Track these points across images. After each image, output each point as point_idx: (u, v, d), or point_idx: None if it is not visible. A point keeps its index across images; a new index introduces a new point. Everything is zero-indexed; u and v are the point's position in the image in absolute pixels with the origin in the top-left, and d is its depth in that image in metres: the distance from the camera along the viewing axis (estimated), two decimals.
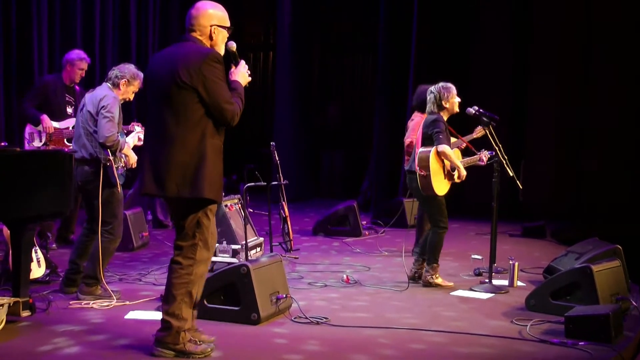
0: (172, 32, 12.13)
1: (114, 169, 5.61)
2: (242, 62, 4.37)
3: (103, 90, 5.69)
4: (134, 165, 5.89)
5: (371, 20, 13.39)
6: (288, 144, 12.91)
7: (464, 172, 6.50)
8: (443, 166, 6.47)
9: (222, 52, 4.31)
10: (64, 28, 10.02)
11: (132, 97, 5.89)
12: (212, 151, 4.19)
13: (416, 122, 7.73)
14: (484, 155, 6.68)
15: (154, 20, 11.87)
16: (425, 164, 6.37)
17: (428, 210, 6.74)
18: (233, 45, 4.37)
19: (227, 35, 4.33)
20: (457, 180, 6.60)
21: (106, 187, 5.57)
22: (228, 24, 4.32)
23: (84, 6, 10.35)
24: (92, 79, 9.50)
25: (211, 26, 4.24)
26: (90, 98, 5.69)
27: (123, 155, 5.78)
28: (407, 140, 7.70)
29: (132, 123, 6.78)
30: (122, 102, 5.82)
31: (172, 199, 4.32)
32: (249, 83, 4.38)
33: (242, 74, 4.34)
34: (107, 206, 5.59)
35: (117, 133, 5.56)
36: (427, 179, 6.37)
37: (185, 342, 4.27)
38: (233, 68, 4.37)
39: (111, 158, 5.58)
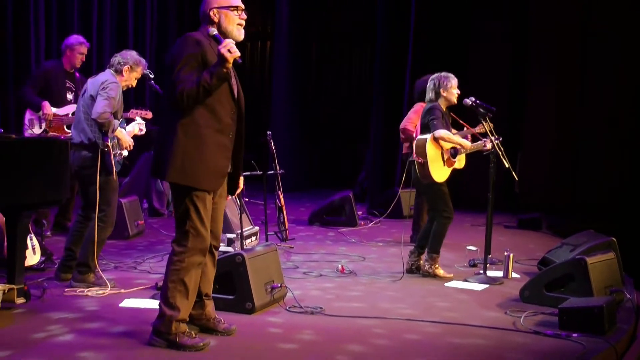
0: (170, 19, 12.11)
1: (112, 155, 5.60)
2: (225, 42, 4.07)
3: (105, 76, 5.70)
4: (129, 148, 5.88)
5: (370, 11, 13.36)
6: (285, 133, 12.90)
7: (468, 144, 6.48)
8: (442, 153, 6.46)
9: (234, 35, 4.23)
10: (60, 16, 9.99)
11: (134, 83, 5.88)
12: (186, 134, 4.12)
13: (414, 110, 7.79)
14: (489, 142, 6.49)
15: (152, 6, 11.84)
16: (422, 150, 6.37)
17: (431, 199, 6.68)
18: (212, 31, 4.22)
19: (237, 14, 4.25)
20: (458, 167, 6.59)
21: (102, 174, 5.56)
22: (232, 3, 4.26)
23: None
24: (89, 66, 9.48)
25: (210, 10, 4.25)
26: (92, 83, 5.70)
27: (116, 139, 5.77)
28: (401, 126, 7.82)
29: (132, 110, 6.78)
30: (125, 89, 5.84)
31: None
32: (239, 64, 4.12)
33: (219, 54, 4.04)
34: (101, 193, 5.56)
35: (111, 114, 5.53)
36: (424, 166, 6.36)
37: (178, 333, 4.24)
38: None
39: (109, 144, 5.58)
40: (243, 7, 4.31)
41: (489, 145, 6.52)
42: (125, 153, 5.91)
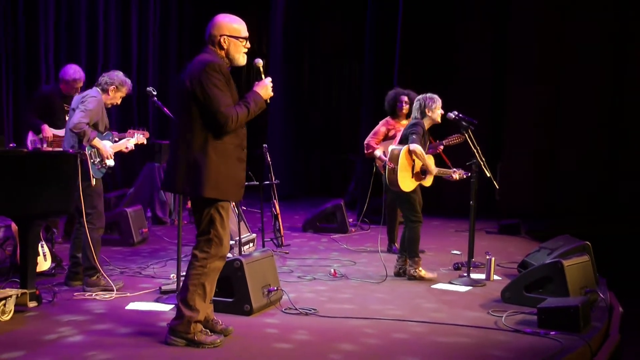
0: (171, 41, 12.14)
1: (89, 163, 5.67)
2: (268, 79, 4.34)
3: (89, 91, 5.81)
4: (109, 158, 5.87)
5: (359, 30, 13.43)
6: (280, 145, 12.93)
7: (434, 170, 6.53)
8: (412, 166, 6.50)
9: (239, 62, 4.33)
10: (70, 40, 10.05)
11: (119, 102, 5.98)
12: (216, 152, 4.18)
13: (382, 124, 7.87)
14: (457, 174, 6.62)
15: (154, 30, 11.88)
16: (395, 158, 6.42)
17: (400, 205, 6.77)
18: (259, 62, 4.41)
19: (243, 45, 4.31)
20: (425, 184, 6.63)
21: (83, 180, 5.57)
22: (242, 34, 4.31)
23: (89, 17, 10.38)
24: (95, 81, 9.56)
25: (221, 36, 4.26)
26: (77, 98, 5.83)
27: (95, 149, 5.77)
28: (365, 141, 7.89)
29: (130, 130, 6.77)
30: (109, 106, 5.94)
31: (186, 196, 4.39)
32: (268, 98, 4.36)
33: (264, 86, 4.32)
34: (85, 198, 5.61)
35: (87, 125, 5.60)
36: (394, 173, 6.40)
37: (196, 332, 4.31)
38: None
39: (87, 153, 5.65)
40: (248, 35, 4.37)
41: (455, 176, 6.61)
42: (110, 163, 5.89)
